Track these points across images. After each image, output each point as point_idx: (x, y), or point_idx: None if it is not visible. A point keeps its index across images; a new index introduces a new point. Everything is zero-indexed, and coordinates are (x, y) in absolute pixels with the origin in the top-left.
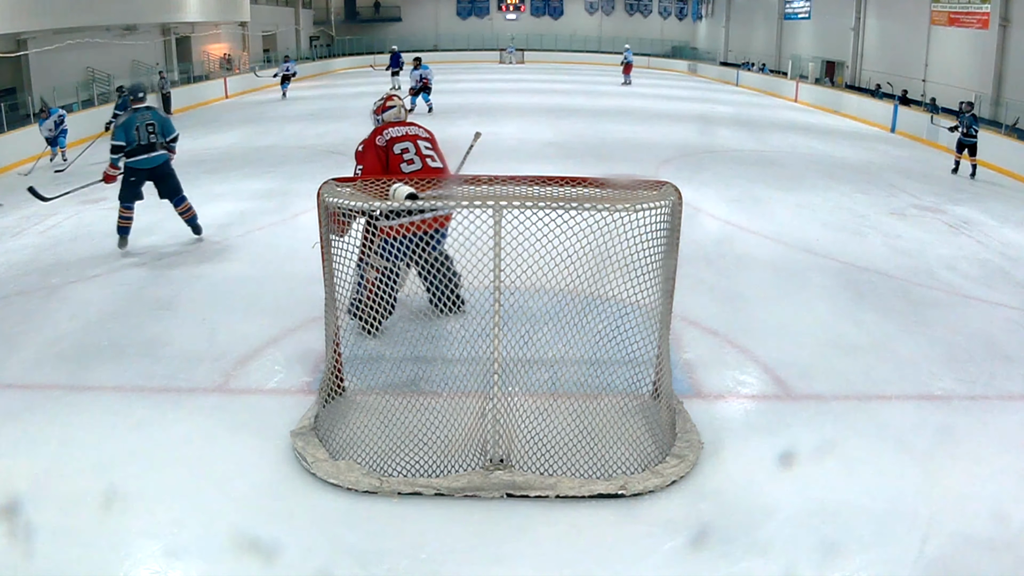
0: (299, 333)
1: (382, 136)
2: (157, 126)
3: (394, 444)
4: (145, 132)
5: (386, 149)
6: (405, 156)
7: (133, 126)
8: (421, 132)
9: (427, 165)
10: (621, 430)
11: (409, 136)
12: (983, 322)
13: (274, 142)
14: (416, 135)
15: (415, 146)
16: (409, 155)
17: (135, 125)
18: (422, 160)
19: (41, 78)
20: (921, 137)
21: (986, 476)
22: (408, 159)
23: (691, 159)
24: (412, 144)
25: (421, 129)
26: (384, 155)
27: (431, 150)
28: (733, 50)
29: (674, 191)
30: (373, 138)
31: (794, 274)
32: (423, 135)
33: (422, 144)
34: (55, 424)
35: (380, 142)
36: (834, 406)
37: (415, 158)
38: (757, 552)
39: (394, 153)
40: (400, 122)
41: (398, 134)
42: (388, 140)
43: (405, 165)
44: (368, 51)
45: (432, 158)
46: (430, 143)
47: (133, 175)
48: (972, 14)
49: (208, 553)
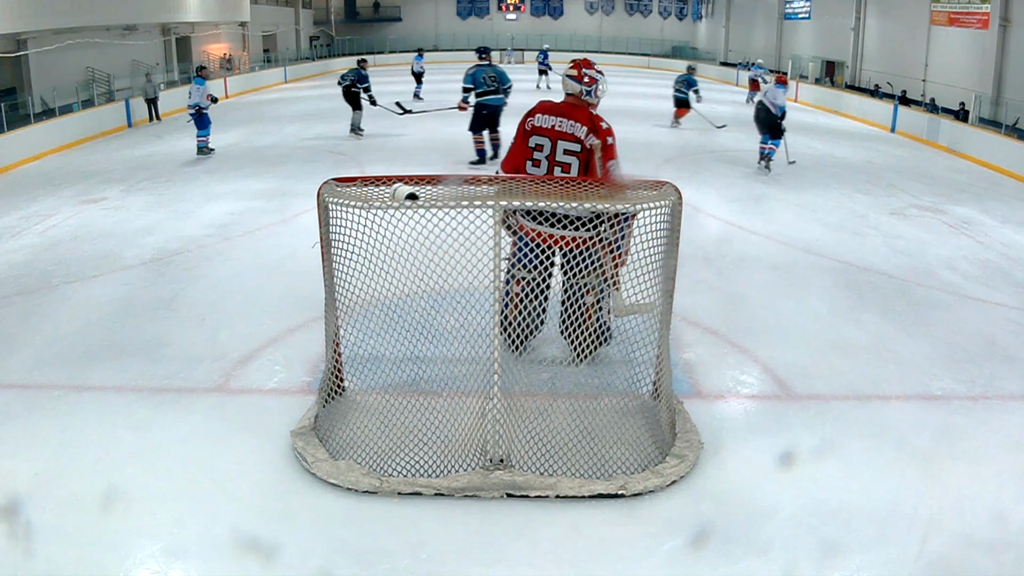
0: (299, 333)
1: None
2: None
3: (394, 444)
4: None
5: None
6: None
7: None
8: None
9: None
10: (621, 430)
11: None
12: (983, 322)
13: (274, 142)
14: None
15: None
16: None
17: (482, 75)
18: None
19: (41, 78)
20: (921, 137)
21: (986, 476)
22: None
23: (691, 159)
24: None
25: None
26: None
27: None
28: (733, 50)
29: (674, 191)
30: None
31: (794, 274)
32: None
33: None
34: (55, 424)
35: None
36: (834, 406)
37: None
38: (757, 552)
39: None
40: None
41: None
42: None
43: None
44: (368, 51)
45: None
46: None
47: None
48: (972, 14)
49: (208, 553)
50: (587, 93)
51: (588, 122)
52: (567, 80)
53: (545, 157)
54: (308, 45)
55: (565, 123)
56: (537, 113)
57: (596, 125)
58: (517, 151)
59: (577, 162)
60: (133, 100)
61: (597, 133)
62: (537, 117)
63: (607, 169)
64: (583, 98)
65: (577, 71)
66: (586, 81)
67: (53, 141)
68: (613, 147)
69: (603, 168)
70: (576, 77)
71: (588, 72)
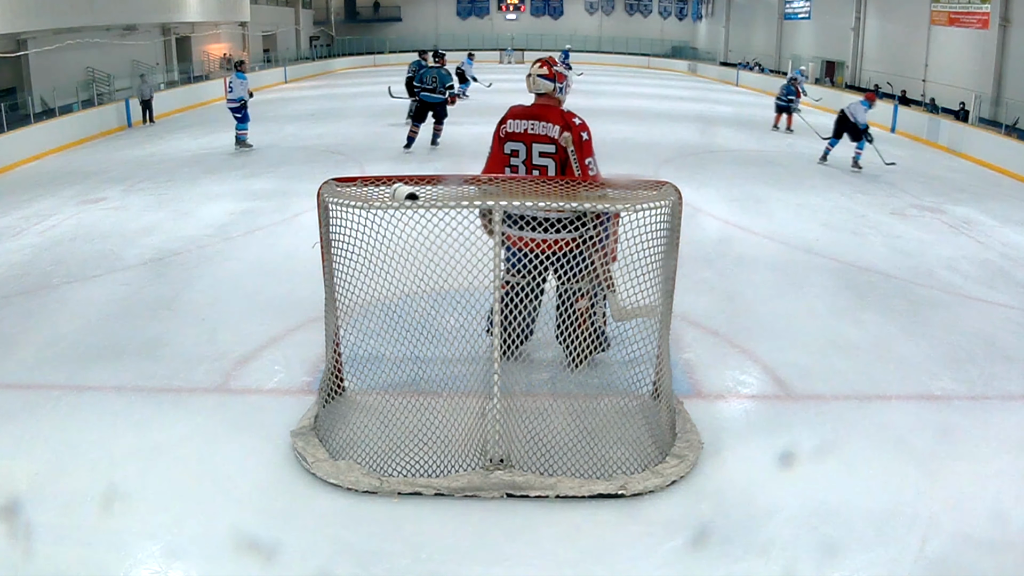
0: (299, 333)
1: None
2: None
3: (394, 444)
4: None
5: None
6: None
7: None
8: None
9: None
10: (621, 430)
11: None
12: (983, 322)
13: (274, 142)
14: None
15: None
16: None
17: (429, 75)
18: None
19: (41, 78)
20: (921, 137)
21: (986, 476)
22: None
23: (691, 159)
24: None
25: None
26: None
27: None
28: (733, 50)
29: (674, 191)
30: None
31: (794, 274)
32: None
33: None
34: (55, 424)
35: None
36: (834, 406)
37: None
38: (757, 552)
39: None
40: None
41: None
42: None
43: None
44: (368, 51)
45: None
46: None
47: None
48: (972, 14)
49: (208, 553)
50: (560, 90)
51: (560, 120)
52: (538, 80)
53: (522, 162)
54: (308, 45)
55: (538, 125)
56: (509, 119)
57: (568, 122)
58: (494, 159)
59: (553, 163)
60: (133, 100)
61: (571, 129)
62: (509, 123)
63: (585, 167)
64: (555, 95)
65: (548, 69)
66: (558, 78)
67: (53, 141)
68: (589, 143)
69: (581, 166)
70: (548, 75)
71: (557, 69)
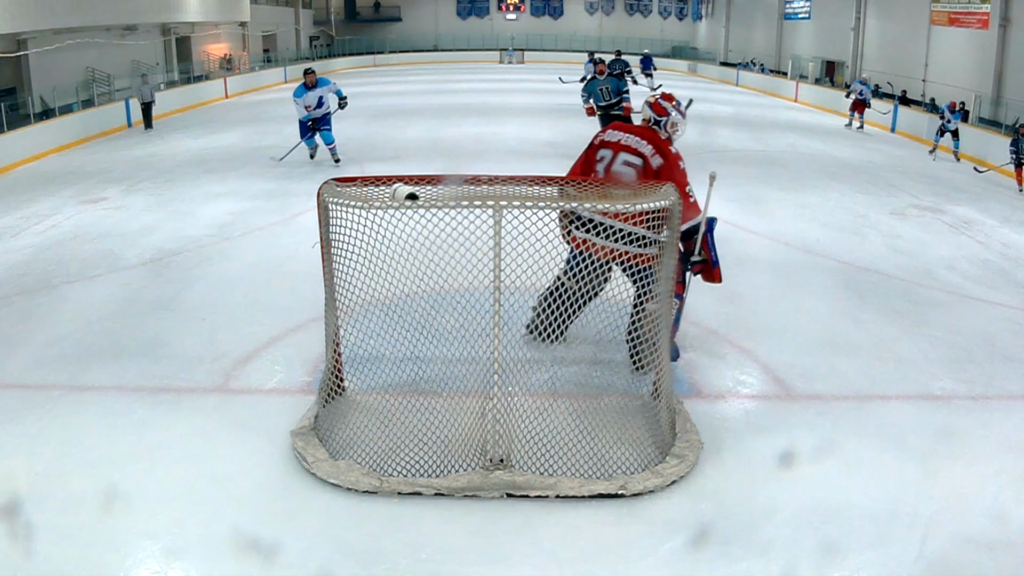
0: (299, 333)
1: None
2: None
3: (394, 444)
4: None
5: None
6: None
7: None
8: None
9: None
10: (621, 430)
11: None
12: (983, 322)
13: (274, 142)
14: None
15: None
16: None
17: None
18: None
19: (41, 78)
20: (921, 137)
21: (986, 476)
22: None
23: (691, 159)
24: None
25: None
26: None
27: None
28: (733, 50)
29: (674, 191)
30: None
31: (794, 274)
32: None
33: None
34: (55, 424)
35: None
36: (834, 406)
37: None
38: (757, 552)
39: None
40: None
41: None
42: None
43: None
44: (368, 51)
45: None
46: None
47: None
48: (972, 14)
49: (208, 553)
50: (655, 122)
51: (654, 142)
52: (644, 106)
53: (604, 167)
54: (308, 45)
55: (631, 139)
56: (609, 129)
57: (664, 148)
58: (579, 162)
59: (633, 173)
60: (133, 100)
61: (665, 155)
62: (608, 132)
63: (686, 195)
64: (652, 126)
65: (653, 101)
66: (656, 110)
67: (53, 141)
68: (685, 172)
69: (682, 193)
70: (652, 105)
71: (665, 104)
